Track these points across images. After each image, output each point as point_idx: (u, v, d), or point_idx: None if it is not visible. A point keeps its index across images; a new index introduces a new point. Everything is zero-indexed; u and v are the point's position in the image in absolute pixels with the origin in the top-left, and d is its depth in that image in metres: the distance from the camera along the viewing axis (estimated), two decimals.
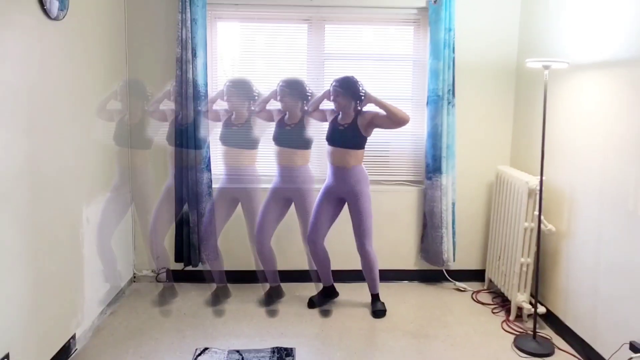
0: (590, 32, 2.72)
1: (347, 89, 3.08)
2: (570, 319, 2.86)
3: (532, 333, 2.84)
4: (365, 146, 3.15)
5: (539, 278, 2.98)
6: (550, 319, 3.04)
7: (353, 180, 3.11)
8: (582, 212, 2.77)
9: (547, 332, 2.98)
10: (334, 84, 3.10)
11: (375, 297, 3.29)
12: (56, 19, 2.45)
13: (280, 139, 3.22)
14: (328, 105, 3.21)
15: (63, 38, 2.57)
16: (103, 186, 3.10)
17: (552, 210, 3.02)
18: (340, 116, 3.15)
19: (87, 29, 2.87)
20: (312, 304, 3.30)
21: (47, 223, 2.43)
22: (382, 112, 3.05)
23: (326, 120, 3.24)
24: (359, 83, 3.12)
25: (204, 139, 3.38)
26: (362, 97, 3.10)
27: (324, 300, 3.34)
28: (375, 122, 3.09)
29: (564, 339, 2.89)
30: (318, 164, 3.57)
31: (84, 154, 2.83)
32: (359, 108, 3.12)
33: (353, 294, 3.43)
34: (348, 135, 3.10)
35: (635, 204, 2.33)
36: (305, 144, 3.23)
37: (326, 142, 3.17)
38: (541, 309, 2.98)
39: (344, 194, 3.16)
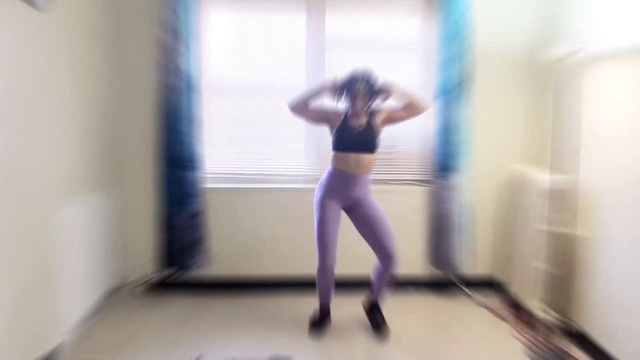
0: (627, 13, 2.42)
1: (372, 86, 2.74)
2: (591, 331, 2.66)
3: (548, 343, 2.66)
4: None
5: (557, 286, 2.77)
6: (570, 330, 2.81)
7: (368, 187, 2.84)
8: (613, 216, 2.52)
9: (571, 347, 2.78)
10: (359, 80, 2.72)
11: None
12: (42, 10, 2.36)
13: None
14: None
15: (49, 30, 2.46)
16: (86, 188, 2.95)
17: (579, 213, 2.76)
18: (350, 117, 2.79)
19: (75, 21, 2.76)
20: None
21: (25, 228, 2.28)
22: (394, 106, 2.80)
23: (324, 122, 2.85)
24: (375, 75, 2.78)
25: (195, 135, 3.23)
26: (382, 92, 2.77)
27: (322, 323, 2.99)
28: (394, 117, 2.81)
29: (588, 353, 2.68)
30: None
31: (68, 154, 2.70)
32: (375, 105, 2.80)
33: (356, 302, 3.25)
34: (367, 138, 2.74)
35: None
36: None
37: (335, 148, 2.79)
38: (557, 317, 2.78)
39: (352, 202, 2.82)
